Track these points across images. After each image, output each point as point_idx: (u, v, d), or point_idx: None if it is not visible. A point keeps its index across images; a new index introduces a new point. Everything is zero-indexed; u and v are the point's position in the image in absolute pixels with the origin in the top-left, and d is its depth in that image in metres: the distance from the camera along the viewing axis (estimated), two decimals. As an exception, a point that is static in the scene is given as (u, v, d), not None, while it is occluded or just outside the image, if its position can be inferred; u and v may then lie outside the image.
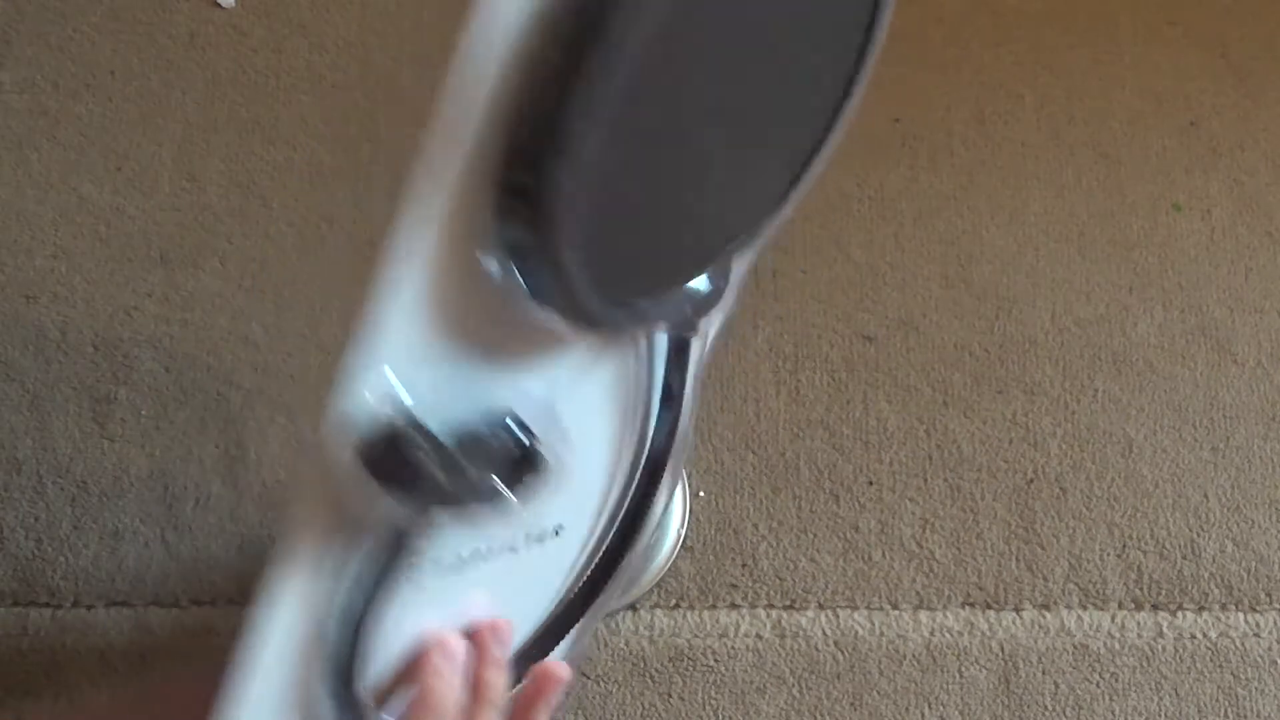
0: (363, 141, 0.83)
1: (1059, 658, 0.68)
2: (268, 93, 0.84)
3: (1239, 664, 0.68)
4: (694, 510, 0.71)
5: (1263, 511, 0.73)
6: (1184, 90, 0.87)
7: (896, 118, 0.85)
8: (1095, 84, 0.87)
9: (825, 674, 0.67)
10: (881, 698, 0.67)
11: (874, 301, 0.78)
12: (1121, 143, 0.85)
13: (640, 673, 0.67)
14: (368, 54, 0.86)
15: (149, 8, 0.86)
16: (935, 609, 0.69)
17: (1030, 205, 0.82)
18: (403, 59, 0.86)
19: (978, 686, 0.67)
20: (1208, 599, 0.70)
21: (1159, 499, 0.73)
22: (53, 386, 0.73)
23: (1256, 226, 0.82)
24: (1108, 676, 0.68)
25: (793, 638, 0.68)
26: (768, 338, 0.77)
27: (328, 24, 0.87)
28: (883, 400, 0.75)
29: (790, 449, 0.73)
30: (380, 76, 0.86)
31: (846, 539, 0.71)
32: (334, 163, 0.82)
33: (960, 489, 0.73)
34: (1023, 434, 0.74)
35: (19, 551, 0.70)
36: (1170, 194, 0.83)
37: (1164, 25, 0.90)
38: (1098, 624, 0.69)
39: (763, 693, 0.66)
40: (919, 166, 0.84)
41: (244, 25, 0.86)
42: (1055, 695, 0.67)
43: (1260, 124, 0.86)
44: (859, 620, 0.69)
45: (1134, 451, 0.74)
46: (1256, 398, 0.76)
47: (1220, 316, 0.79)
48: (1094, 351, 0.77)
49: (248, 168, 0.79)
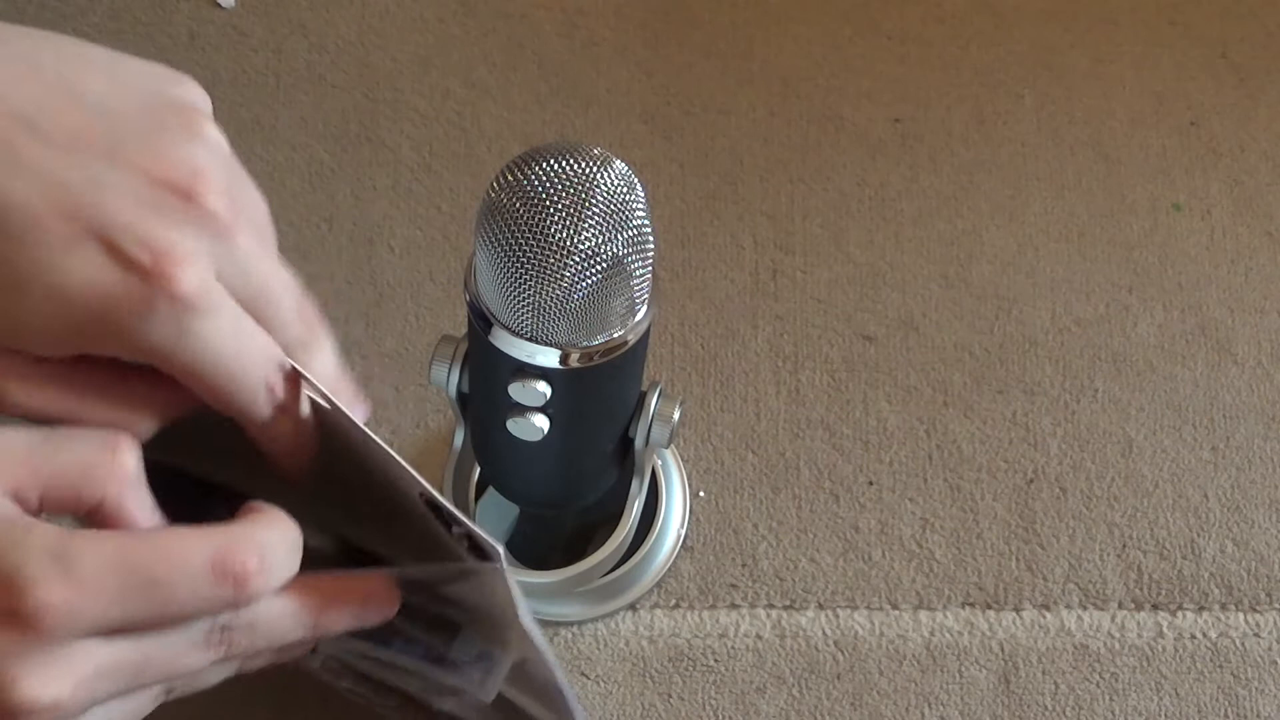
0: (363, 141, 0.83)
1: (1059, 658, 0.68)
2: (268, 93, 0.84)
3: (1239, 664, 0.68)
4: (694, 510, 0.71)
5: (1263, 511, 0.73)
6: (1184, 90, 0.87)
7: (896, 118, 0.85)
8: (1095, 84, 0.87)
9: (825, 674, 0.67)
10: (881, 698, 0.67)
11: (874, 301, 0.78)
12: (1121, 143, 0.85)
13: (640, 673, 0.67)
14: (368, 54, 0.86)
15: (149, 8, 0.86)
16: (935, 609, 0.69)
17: (1030, 205, 0.82)
18: (403, 59, 0.86)
19: (978, 686, 0.67)
20: (1208, 599, 0.70)
21: (1159, 499, 0.73)
22: (53, 386, 0.73)
23: (1256, 226, 0.82)
24: (1108, 676, 0.68)
25: (793, 638, 0.68)
26: (768, 338, 0.77)
27: (328, 24, 0.87)
28: (883, 400, 0.75)
29: (790, 449, 0.73)
30: (380, 76, 0.86)
31: (846, 539, 0.71)
32: (334, 163, 0.82)
33: (960, 489, 0.73)
34: (1023, 434, 0.74)
35: (19, 551, 0.70)
36: (1170, 194, 0.83)
37: (1164, 25, 0.90)
38: (1098, 624, 0.69)
39: (763, 693, 0.67)
40: (919, 166, 0.84)
41: (244, 25, 0.86)
42: (1055, 695, 0.67)
43: (1260, 124, 0.86)
44: (859, 620, 0.69)
45: (1134, 451, 0.74)
46: (1256, 398, 0.76)
47: (1220, 316, 0.79)
48: (1094, 351, 0.77)
49: (248, 168, 0.79)
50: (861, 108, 0.86)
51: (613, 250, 0.49)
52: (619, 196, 0.49)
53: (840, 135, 0.85)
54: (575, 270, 0.48)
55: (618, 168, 0.49)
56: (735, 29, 0.89)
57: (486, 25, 0.88)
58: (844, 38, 0.89)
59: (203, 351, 0.34)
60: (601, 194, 0.48)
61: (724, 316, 0.78)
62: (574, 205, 0.48)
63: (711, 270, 0.79)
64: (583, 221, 0.48)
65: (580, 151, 0.49)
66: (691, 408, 0.74)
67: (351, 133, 0.83)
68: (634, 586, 0.68)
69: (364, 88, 0.85)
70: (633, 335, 0.52)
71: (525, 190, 0.48)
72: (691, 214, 0.81)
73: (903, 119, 0.85)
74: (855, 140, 0.85)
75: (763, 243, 0.80)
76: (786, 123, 0.85)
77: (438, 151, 0.83)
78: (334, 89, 0.85)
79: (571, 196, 0.48)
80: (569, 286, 0.48)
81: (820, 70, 0.87)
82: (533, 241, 0.48)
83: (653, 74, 0.87)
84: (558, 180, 0.48)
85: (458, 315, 0.77)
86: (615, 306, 0.51)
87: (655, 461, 0.68)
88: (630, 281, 0.50)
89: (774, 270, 0.79)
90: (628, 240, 0.49)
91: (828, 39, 0.89)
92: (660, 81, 0.86)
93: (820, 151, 0.84)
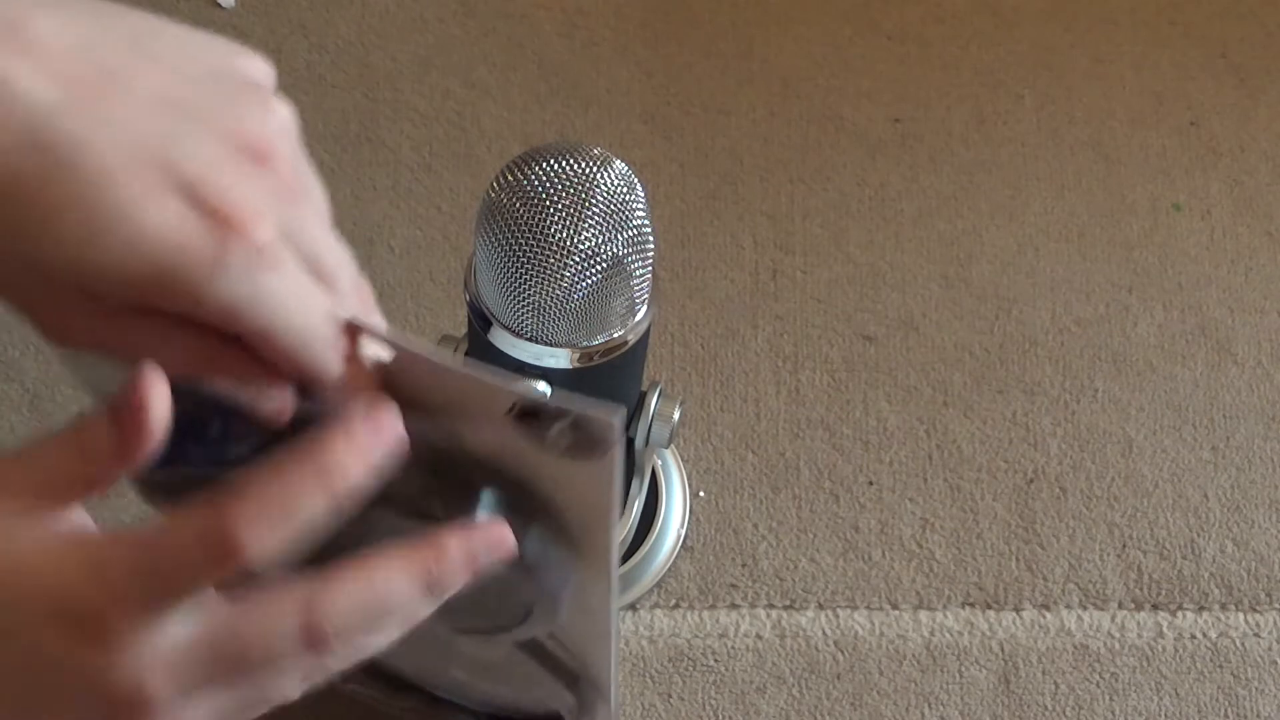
0: (363, 141, 0.83)
1: (1059, 658, 0.68)
2: (268, 93, 0.84)
3: (1239, 664, 0.68)
4: (694, 510, 0.71)
5: (1263, 511, 0.73)
6: (1184, 90, 0.87)
7: (896, 118, 0.85)
8: (1095, 84, 0.87)
9: (825, 674, 0.67)
10: (881, 698, 0.67)
11: (874, 301, 0.78)
12: (1121, 143, 0.85)
13: (640, 673, 0.67)
14: (368, 54, 0.86)
15: (149, 8, 0.86)
16: (935, 609, 0.69)
17: (1030, 205, 0.82)
18: (402, 59, 0.86)
19: (978, 686, 0.67)
20: (1208, 599, 0.70)
21: (1159, 499, 0.73)
22: (53, 386, 0.73)
23: (1256, 226, 0.82)
24: (1108, 676, 0.68)
25: (793, 638, 0.68)
26: (768, 338, 0.77)
27: (328, 24, 0.87)
28: (883, 400, 0.75)
29: (790, 449, 0.73)
30: (380, 76, 0.86)
31: (846, 539, 0.71)
32: (334, 163, 0.82)
33: (960, 489, 0.73)
34: (1023, 434, 0.74)
35: (19, 551, 0.70)
36: (1170, 194, 0.83)
37: (1164, 25, 0.90)
38: (1098, 624, 0.69)
39: (763, 693, 0.67)
40: (919, 166, 0.84)
41: (244, 25, 0.86)
42: (1055, 695, 0.67)
43: (1260, 124, 0.86)
44: (859, 620, 0.69)
45: (1134, 451, 0.74)
46: (1256, 398, 0.76)
47: (1220, 316, 0.79)
48: (1094, 351, 0.77)
49: (248, 168, 0.79)
50: (861, 108, 0.86)
51: (613, 250, 0.49)
52: (619, 196, 0.49)
53: (840, 135, 0.85)
54: (575, 270, 0.48)
55: (618, 168, 0.50)
56: (735, 29, 0.89)
57: (486, 25, 0.88)
58: (844, 38, 0.89)
59: (273, 306, 0.35)
60: (601, 194, 0.48)
61: (724, 316, 0.78)
62: (574, 205, 0.48)
63: (711, 270, 0.79)
64: (583, 221, 0.48)
65: (580, 151, 0.49)
66: (691, 408, 0.74)
67: (351, 133, 0.83)
68: (634, 586, 0.68)
69: (364, 88, 0.85)
70: (633, 335, 0.52)
71: (525, 190, 0.48)
72: (691, 214, 0.81)
73: (903, 119, 0.85)
74: (855, 140, 0.85)
75: (763, 243, 0.80)
76: (786, 123, 0.85)
77: (438, 151, 0.83)
78: (334, 89, 0.85)
79: (571, 196, 0.48)
80: (569, 286, 0.48)
81: (820, 70, 0.87)
82: (533, 241, 0.48)
83: (653, 74, 0.87)
84: (558, 180, 0.48)
85: (458, 315, 0.77)
86: (615, 306, 0.51)
87: (655, 461, 0.68)
88: (630, 281, 0.50)
89: (774, 270, 0.79)
90: (628, 240, 0.49)
91: (828, 39, 0.89)
92: (660, 81, 0.86)
93: (820, 151, 0.84)
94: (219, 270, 0.34)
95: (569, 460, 0.37)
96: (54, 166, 0.32)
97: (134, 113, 0.34)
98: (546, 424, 0.37)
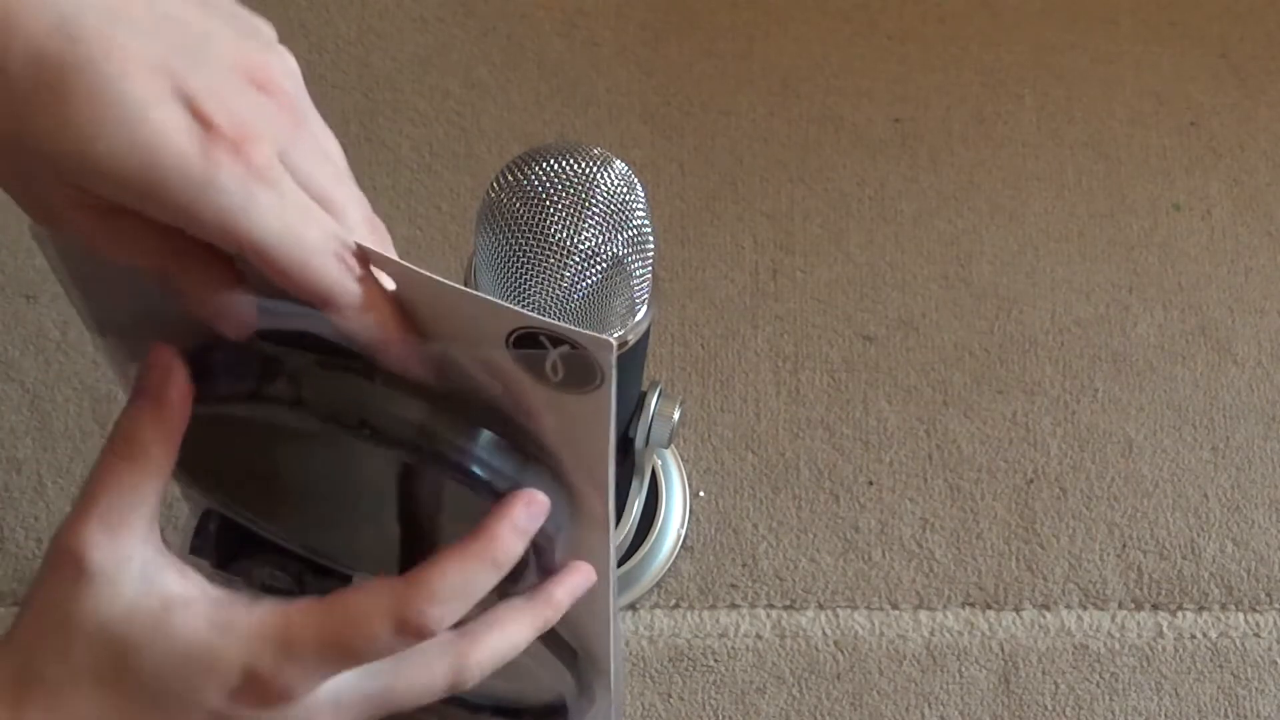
0: (363, 141, 0.83)
1: (1059, 658, 0.68)
2: (268, 93, 0.84)
3: (1239, 664, 0.68)
4: (694, 510, 0.71)
5: (1263, 511, 0.73)
6: (1184, 90, 0.87)
7: (896, 118, 0.85)
8: (1095, 84, 0.87)
9: (825, 674, 0.67)
10: (881, 698, 0.67)
11: (874, 301, 0.78)
12: (1121, 143, 0.85)
13: (640, 673, 0.67)
14: (368, 54, 0.86)
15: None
16: (935, 609, 0.69)
17: (1030, 205, 0.82)
18: (403, 59, 0.86)
19: (978, 686, 0.67)
20: (1208, 599, 0.70)
21: (1159, 499, 0.73)
22: (53, 386, 0.73)
23: (1256, 226, 0.82)
24: (1108, 676, 0.68)
25: (793, 638, 0.68)
26: (768, 338, 0.77)
27: (328, 24, 0.87)
28: (883, 400, 0.75)
29: (790, 449, 0.73)
30: (380, 76, 0.86)
31: (846, 539, 0.71)
32: (334, 163, 0.82)
33: (960, 489, 0.73)
34: (1023, 434, 0.74)
35: (19, 551, 0.70)
36: (1170, 194, 0.83)
37: (1164, 25, 0.90)
38: (1098, 624, 0.69)
39: (763, 693, 0.67)
40: (919, 166, 0.84)
41: (244, 25, 0.86)
42: (1055, 695, 0.67)
43: (1260, 124, 0.86)
44: (859, 620, 0.69)
45: (1134, 451, 0.74)
46: (1256, 398, 0.76)
47: (1220, 316, 0.79)
48: (1094, 351, 0.77)
49: (248, 168, 0.79)
50: (861, 108, 0.86)
51: (613, 250, 0.49)
52: (619, 196, 0.49)
53: (840, 135, 0.85)
54: (575, 270, 0.48)
55: (618, 168, 0.49)
56: (735, 29, 0.89)
57: (486, 25, 0.88)
58: (844, 38, 0.89)
59: (267, 220, 0.35)
60: (601, 194, 0.48)
61: (724, 316, 0.78)
62: (574, 205, 0.48)
63: (711, 270, 0.79)
64: (583, 221, 0.48)
65: (580, 151, 0.49)
66: (691, 408, 0.74)
67: (351, 133, 0.83)
68: (634, 586, 0.68)
69: (364, 88, 0.85)
70: (633, 335, 0.52)
71: (525, 190, 0.48)
72: (691, 214, 0.81)
73: (903, 119, 0.85)
74: (855, 140, 0.85)
75: (763, 243, 0.80)
76: (786, 123, 0.85)
77: (438, 151, 0.83)
78: (334, 89, 0.85)
79: (571, 196, 0.48)
80: (569, 286, 0.48)
81: (820, 70, 0.87)
82: (533, 241, 0.48)
83: (653, 74, 0.87)
84: (558, 180, 0.48)
85: (458, 315, 0.77)
86: (615, 306, 0.51)
87: (655, 461, 0.68)
88: (630, 281, 0.50)
89: (774, 270, 0.79)
90: (628, 240, 0.49)
91: (828, 39, 0.89)
92: (660, 81, 0.86)
93: (820, 151, 0.84)
94: (213, 181, 0.34)
95: (565, 393, 0.38)
96: (76, 57, 0.33)
97: (153, 22, 0.35)
98: (544, 353, 0.37)
